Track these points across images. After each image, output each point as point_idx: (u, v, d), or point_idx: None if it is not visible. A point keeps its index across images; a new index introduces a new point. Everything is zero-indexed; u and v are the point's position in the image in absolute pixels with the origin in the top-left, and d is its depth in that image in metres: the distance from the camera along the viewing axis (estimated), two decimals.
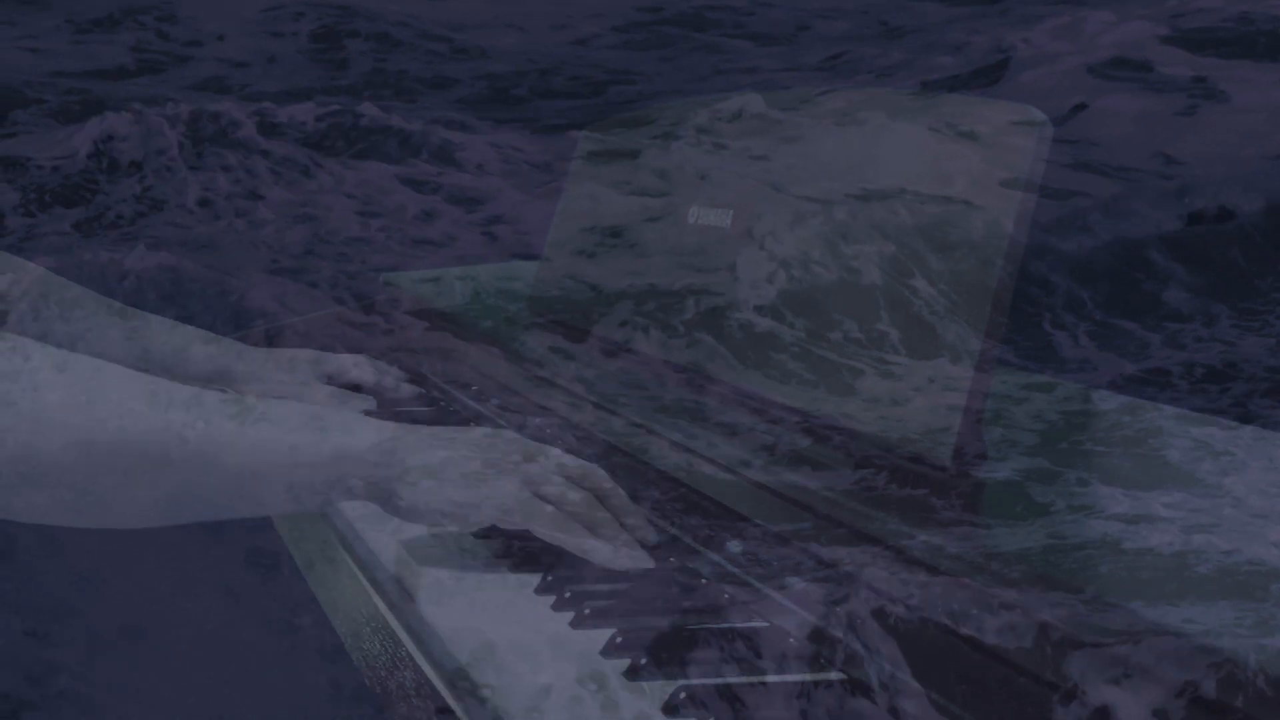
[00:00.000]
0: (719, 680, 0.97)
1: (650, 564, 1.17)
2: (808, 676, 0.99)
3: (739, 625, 1.06)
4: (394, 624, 1.08)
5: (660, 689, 0.95)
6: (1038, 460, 1.12)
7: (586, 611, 1.07)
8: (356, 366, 1.76)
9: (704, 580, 1.14)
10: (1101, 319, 4.83)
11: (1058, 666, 0.87)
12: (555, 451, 1.21)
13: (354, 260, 5.59)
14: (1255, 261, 5.21)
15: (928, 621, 0.97)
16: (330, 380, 1.73)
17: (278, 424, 1.16)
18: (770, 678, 0.99)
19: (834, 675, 0.99)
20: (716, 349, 1.39)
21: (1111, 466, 1.10)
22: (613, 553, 1.16)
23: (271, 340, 1.90)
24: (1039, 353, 4.51)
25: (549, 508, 1.16)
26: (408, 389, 1.80)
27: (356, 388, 1.74)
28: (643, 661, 0.98)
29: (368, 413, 1.44)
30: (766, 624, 1.06)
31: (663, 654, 1.00)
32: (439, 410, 1.71)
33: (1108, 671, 0.83)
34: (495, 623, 1.06)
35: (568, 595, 1.10)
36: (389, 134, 7.12)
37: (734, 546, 1.13)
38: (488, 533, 1.23)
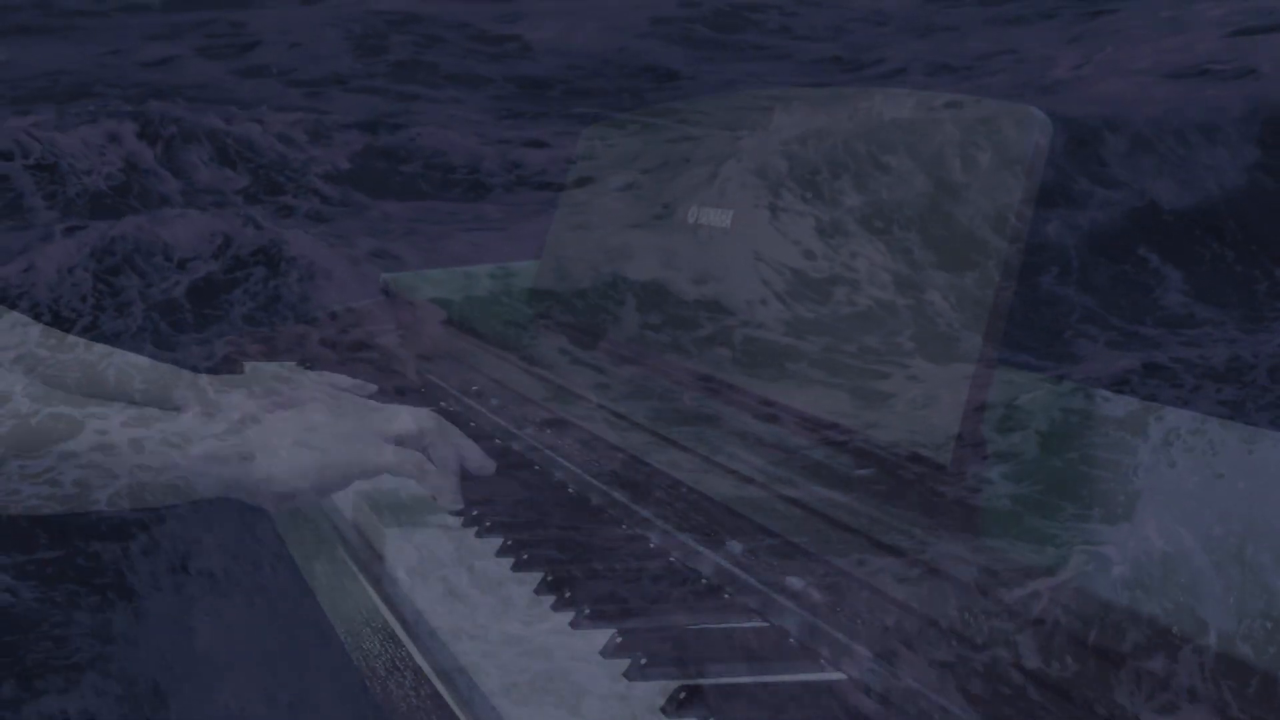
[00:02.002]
0: (719, 680, 0.97)
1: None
2: (808, 676, 0.99)
3: (739, 625, 1.06)
4: (394, 624, 1.09)
5: (660, 689, 0.95)
6: (1039, 470, 1.12)
7: (586, 612, 1.07)
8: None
9: (704, 580, 1.14)
10: (1117, 317, 4.80)
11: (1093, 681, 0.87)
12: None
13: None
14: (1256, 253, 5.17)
15: (926, 622, 0.97)
16: None
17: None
18: (770, 678, 0.99)
19: (834, 675, 0.99)
20: (716, 351, 1.39)
21: (1114, 485, 1.09)
22: (452, 489, 1.27)
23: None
24: (1055, 351, 4.48)
25: (395, 455, 1.24)
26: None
27: None
28: (643, 661, 0.98)
29: None
30: (766, 624, 1.06)
31: (663, 654, 1.00)
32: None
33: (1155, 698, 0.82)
34: (495, 623, 1.07)
35: (567, 595, 1.10)
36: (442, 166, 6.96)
37: (734, 546, 1.13)
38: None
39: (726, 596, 1.11)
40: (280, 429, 1.24)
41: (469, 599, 1.11)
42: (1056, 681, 0.88)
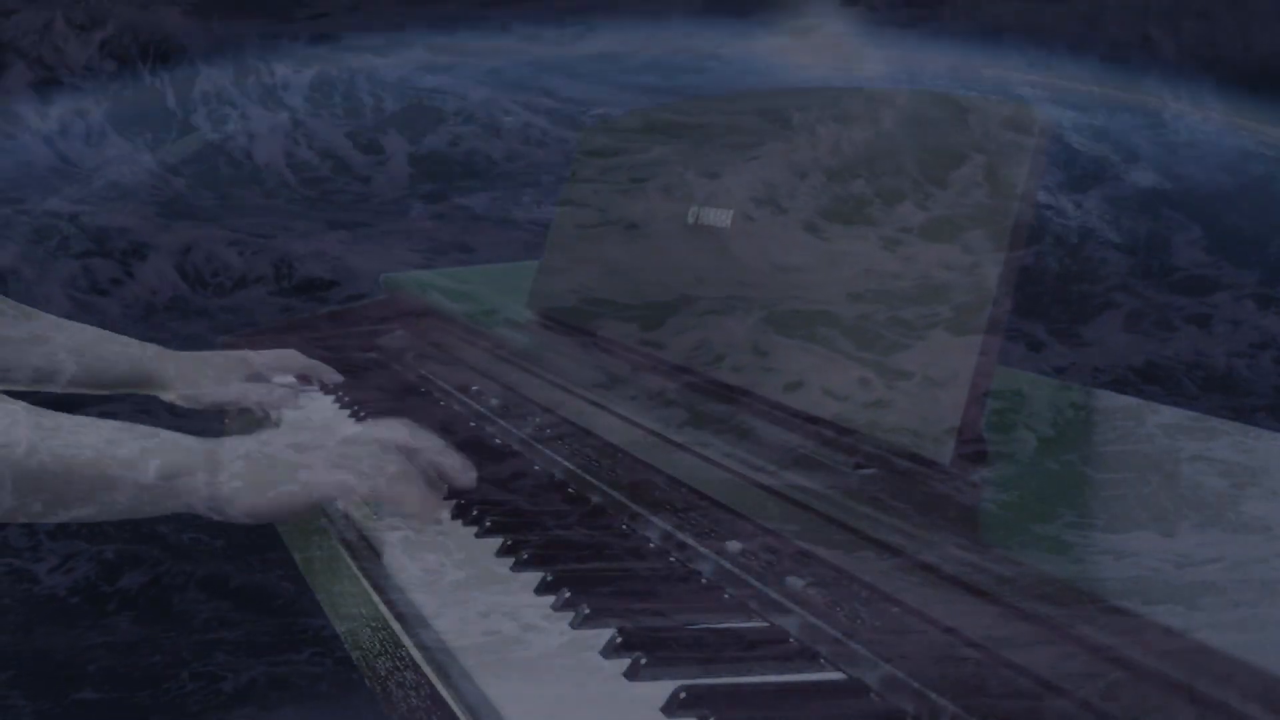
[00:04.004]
0: (719, 680, 0.97)
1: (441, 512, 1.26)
2: (808, 676, 0.99)
3: (739, 625, 1.06)
4: (394, 624, 1.09)
5: (660, 689, 0.95)
6: (1039, 472, 1.12)
7: (586, 611, 1.07)
8: (284, 360, 1.85)
9: (704, 580, 1.14)
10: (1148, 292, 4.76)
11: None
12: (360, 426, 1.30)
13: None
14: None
15: (923, 620, 0.97)
16: (258, 377, 1.80)
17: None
18: (770, 678, 0.98)
19: (834, 675, 0.99)
20: (717, 349, 1.39)
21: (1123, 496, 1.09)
22: (422, 505, 1.23)
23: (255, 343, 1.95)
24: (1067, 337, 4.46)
25: (357, 480, 1.21)
26: (336, 379, 1.87)
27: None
28: (643, 661, 0.98)
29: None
30: (766, 624, 1.06)
31: (663, 654, 1.00)
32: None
33: None
34: (495, 623, 1.07)
35: (567, 595, 1.10)
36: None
37: (734, 546, 1.13)
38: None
39: (726, 596, 1.11)
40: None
41: (469, 598, 1.11)
42: (1056, 682, 0.88)
